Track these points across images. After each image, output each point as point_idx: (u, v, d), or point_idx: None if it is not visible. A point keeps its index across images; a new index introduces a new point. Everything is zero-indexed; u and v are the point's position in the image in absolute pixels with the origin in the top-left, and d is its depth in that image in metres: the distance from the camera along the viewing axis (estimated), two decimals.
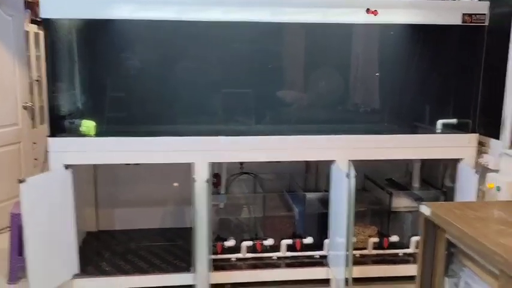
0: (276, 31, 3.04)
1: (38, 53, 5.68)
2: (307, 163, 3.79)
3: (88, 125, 2.92)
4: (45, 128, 5.20)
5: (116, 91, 3.08)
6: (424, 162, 3.62)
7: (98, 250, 3.40)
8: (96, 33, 3.00)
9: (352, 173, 2.79)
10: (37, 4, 5.34)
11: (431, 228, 1.77)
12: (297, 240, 3.22)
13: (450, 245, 1.75)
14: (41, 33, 4.54)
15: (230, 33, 3.04)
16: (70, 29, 2.95)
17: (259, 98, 3.23)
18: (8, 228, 3.41)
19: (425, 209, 1.75)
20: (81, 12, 2.81)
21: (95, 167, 3.65)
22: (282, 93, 3.32)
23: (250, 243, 3.18)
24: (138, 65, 3.03)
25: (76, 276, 2.96)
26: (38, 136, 5.52)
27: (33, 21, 5.62)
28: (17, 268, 3.13)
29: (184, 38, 3.04)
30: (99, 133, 2.92)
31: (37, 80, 5.67)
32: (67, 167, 2.84)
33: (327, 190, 3.42)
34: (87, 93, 3.10)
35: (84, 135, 2.88)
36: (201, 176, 2.84)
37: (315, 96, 3.41)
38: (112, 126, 3.09)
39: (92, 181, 3.71)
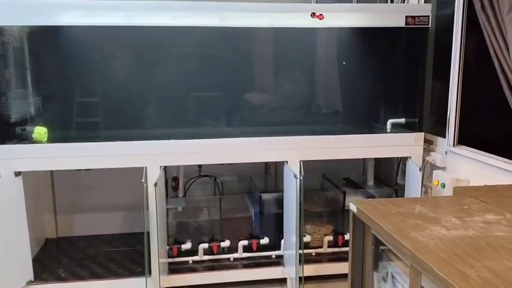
0: (228, 35, 3.08)
1: None
2: (266, 164, 3.85)
3: (40, 131, 2.92)
4: None
5: (68, 97, 3.07)
6: (379, 161, 3.71)
7: (56, 256, 3.39)
8: (46, 40, 2.99)
9: (301, 173, 2.85)
10: None
11: (360, 225, 1.84)
12: (254, 240, 3.27)
13: (378, 241, 1.81)
14: None
15: (182, 37, 3.07)
16: (20, 35, 2.95)
17: (215, 101, 3.26)
18: None
19: (352, 206, 1.82)
20: (29, 19, 2.82)
21: (52, 172, 3.65)
22: (238, 96, 3.36)
23: (206, 245, 3.22)
24: (90, 71, 3.03)
25: (30, 283, 2.95)
26: None
27: None
28: None
29: (133, 42, 3.05)
30: (51, 139, 2.92)
31: None
32: (17, 173, 2.83)
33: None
34: (39, 99, 3.09)
35: (36, 142, 2.89)
36: (154, 180, 2.86)
37: (268, 99, 3.46)
38: (64, 132, 3.08)
39: (49, 187, 3.70)
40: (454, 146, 3.05)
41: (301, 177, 2.84)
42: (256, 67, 3.31)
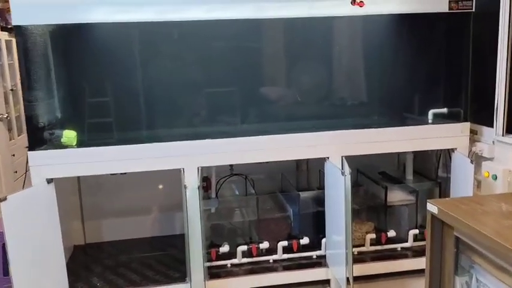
0: (262, 28, 2.95)
1: (11, 61, 5.49)
2: (298, 161, 3.71)
3: (69, 135, 2.79)
4: (24, 138, 5.04)
5: (96, 97, 2.94)
6: (416, 154, 3.57)
7: (86, 264, 3.26)
8: (72, 38, 2.85)
9: (347, 170, 2.71)
10: (7, 11, 5.18)
11: (439, 226, 1.70)
12: (294, 241, 3.13)
13: (457, 241, 1.67)
14: (13, 40, 4.37)
15: (212, 32, 2.93)
16: (44, 34, 2.80)
17: (245, 97, 3.12)
18: None
19: (431, 207, 1.68)
20: (54, 17, 2.67)
21: (79, 177, 3.51)
22: (267, 90, 3.22)
23: (245, 247, 3.09)
24: (119, 69, 2.89)
25: None
26: (17, 147, 5.35)
27: (3, 29, 5.42)
28: None
29: (166, 39, 2.92)
30: (81, 143, 2.78)
31: (12, 89, 5.48)
32: (50, 181, 2.70)
33: (319, 187, 3.37)
34: (66, 101, 2.94)
35: (65, 147, 2.75)
36: (191, 182, 2.73)
37: (301, 92, 3.32)
38: (95, 134, 2.95)
39: (76, 192, 3.57)
40: (503, 135, 2.91)
41: (348, 174, 2.69)
42: (291, 61, 3.16)
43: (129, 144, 2.76)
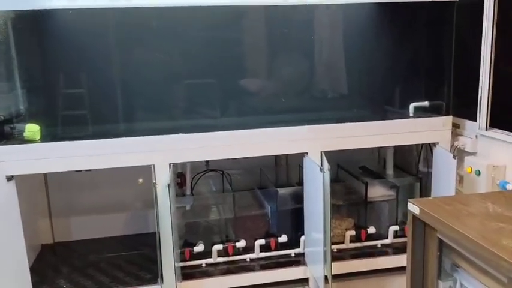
0: (238, 17, 2.80)
1: None
2: (277, 155, 3.58)
3: (32, 129, 2.61)
4: None
5: (61, 89, 2.75)
6: (397, 148, 3.48)
7: (54, 264, 3.10)
8: (34, 26, 2.66)
9: (326, 166, 2.60)
10: None
11: (421, 227, 1.59)
12: (271, 239, 3.02)
13: (441, 244, 1.57)
14: None
15: (188, 20, 2.77)
16: (4, 22, 2.61)
17: (221, 89, 2.97)
18: None
19: (413, 207, 1.57)
20: (14, 3, 2.48)
21: (46, 173, 3.32)
22: (244, 82, 3.08)
23: (221, 246, 2.96)
24: (84, 59, 2.71)
25: None
26: None
27: None
28: None
29: (135, 26, 2.75)
30: (45, 138, 2.61)
31: None
32: (10, 178, 2.52)
33: (299, 183, 3.26)
34: (30, 93, 2.75)
35: (28, 141, 2.57)
36: (162, 179, 2.58)
37: (280, 84, 3.18)
38: (60, 129, 2.78)
39: (43, 188, 3.38)
40: (486, 129, 2.83)
41: (327, 170, 2.58)
42: (269, 52, 3.02)
43: (96, 139, 2.59)
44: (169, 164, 2.65)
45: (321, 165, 2.71)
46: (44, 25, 2.66)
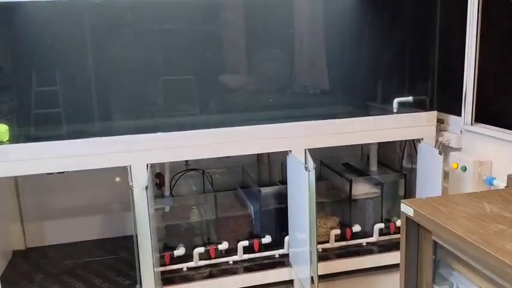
0: (214, 10, 2.69)
1: None
2: (259, 153, 3.49)
3: (0, 130, 2.45)
4: None
5: (31, 87, 2.60)
6: (380, 144, 3.42)
7: (26, 272, 2.95)
8: (2, 20, 2.51)
9: (311, 164, 2.51)
10: None
11: (414, 229, 1.51)
12: (255, 240, 2.92)
13: (436, 247, 1.50)
14: None
15: (164, 13, 2.66)
16: None
17: (200, 86, 2.86)
18: None
19: (406, 208, 1.49)
20: None
21: (16, 176, 3.15)
22: (224, 79, 2.98)
23: (202, 249, 2.84)
24: (54, 55, 2.56)
25: None
26: None
27: None
28: None
29: (110, 21, 2.61)
30: (15, 139, 2.45)
31: None
32: None
33: (282, 181, 3.17)
34: None
35: None
36: (140, 181, 2.45)
37: (260, 80, 3.09)
38: (31, 128, 2.63)
39: (13, 192, 3.21)
40: (471, 124, 2.79)
41: (312, 169, 2.49)
42: (248, 46, 2.92)
43: (68, 140, 2.44)
44: (147, 165, 2.52)
45: (306, 164, 2.62)
46: (12, 19, 2.51)
